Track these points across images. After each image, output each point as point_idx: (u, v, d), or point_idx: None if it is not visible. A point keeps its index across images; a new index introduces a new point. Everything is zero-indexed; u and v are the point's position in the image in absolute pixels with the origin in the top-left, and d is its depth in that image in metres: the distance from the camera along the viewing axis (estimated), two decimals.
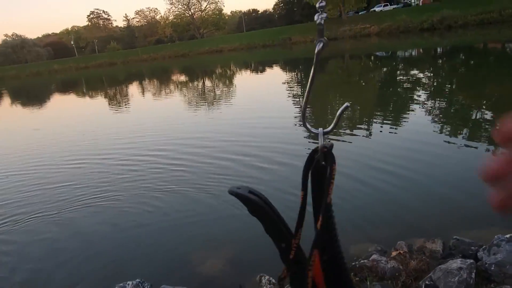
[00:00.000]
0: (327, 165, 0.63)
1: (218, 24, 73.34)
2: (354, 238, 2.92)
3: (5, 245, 3.71)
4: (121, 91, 21.70)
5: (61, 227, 3.98)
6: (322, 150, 0.63)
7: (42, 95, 25.85)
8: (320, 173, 0.64)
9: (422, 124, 6.01)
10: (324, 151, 0.63)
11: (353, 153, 4.94)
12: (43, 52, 77.63)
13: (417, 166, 4.21)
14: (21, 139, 9.73)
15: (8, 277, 3.13)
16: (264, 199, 0.68)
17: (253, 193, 0.67)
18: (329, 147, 0.63)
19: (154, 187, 4.72)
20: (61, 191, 4.98)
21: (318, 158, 0.64)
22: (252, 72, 23.39)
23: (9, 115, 17.03)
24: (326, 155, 0.63)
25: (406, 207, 3.40)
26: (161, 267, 3.02)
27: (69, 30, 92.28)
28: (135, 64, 51.93)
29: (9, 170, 6.45)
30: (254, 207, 0.66)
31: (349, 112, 8.16)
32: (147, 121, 9.99)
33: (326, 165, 0.63)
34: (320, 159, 0.63)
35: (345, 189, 3.83)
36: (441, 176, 3.91)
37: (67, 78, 41.09)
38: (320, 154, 0.63)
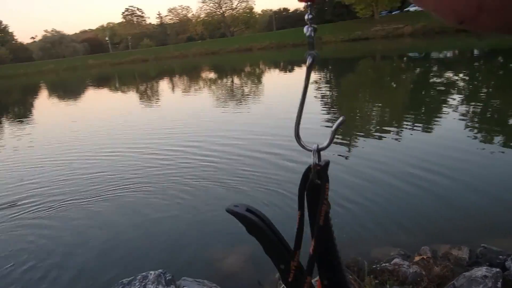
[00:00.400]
0: (321, 182, 0.59)
1: (248, 23, 73.62)
2: (377, 240, 2.88)
3: (39, 228, 3.91)
4: (153, 87, 22.21)
5: (91, 214, 4.15)
6: (316, 168, 0.59)
7: (77, 89, 26.87)
8: (316, 192, 0.60)
9: (453, 128, 5.82)
10: (318, 169, 0.59)
11: (382, 155, 4.85)
12: (80, 47, 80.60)
13: (446, 171, 4.08)
14: (59, 130, 10.24)
15: (43, 259, 3.29)
16: (263, 218, 0.65)
17: (251, 211, 0.65)
18: (324, 165, 0.59)
19: (183, 180, 4.84)
20: (94, 180, 5.21)
21: (312, 177, 0.60)
22: (281, 71, 23.34)
23: (48, 107, 17.84)
24: (319, 173, 0.59)
25: (432, 212, 3.31)
26: (182, 259, 3.09)
27: (104, 27, 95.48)
28: (166, 60, 53.00)
29: (48, 159, 6.82)
30: (251, 227, 0.64)
31: (379, 113, 8.01)
32: (178, 116, 10.23)
33: (320, 183, 0.59)
34: (314, 178, 0.60)
35: (372, 189, 3.78)
36: (470, 182, 3.78)
37: (102, 73, 42.49)
38: (314, 172, 0.59)
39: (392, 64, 19.38)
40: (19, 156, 7.49)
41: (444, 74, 12.67)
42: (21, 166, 6.58)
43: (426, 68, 15.71)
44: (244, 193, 4.20)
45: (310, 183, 0.61)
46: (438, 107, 7.76)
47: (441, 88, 10.07)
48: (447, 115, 6.79)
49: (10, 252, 3.48)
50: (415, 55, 21.95)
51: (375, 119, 7.42)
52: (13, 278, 3.05)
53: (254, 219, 0.64)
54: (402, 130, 6.19)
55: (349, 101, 9.87)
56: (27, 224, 4.07)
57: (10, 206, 4.62)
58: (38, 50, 78.49)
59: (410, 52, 24.21)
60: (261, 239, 0.65)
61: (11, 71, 59.68)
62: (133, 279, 2.63)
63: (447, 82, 10.97)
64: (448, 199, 3.53)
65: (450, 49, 22.63)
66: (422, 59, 19.58)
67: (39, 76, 50.30)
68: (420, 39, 31.95)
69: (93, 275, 3.00)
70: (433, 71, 14.29)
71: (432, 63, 17.49)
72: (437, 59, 18.94)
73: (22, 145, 8.59)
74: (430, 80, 11.88)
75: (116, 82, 30.05)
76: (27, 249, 3.52)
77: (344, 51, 32.08)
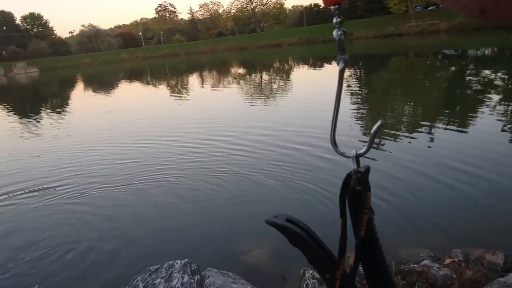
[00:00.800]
0: (361, 190, 0.57)
1: (278, 18, 73.26)
2: (405, 240, 2.81)
3: (73, 213, 4.07)
4: (184, 81, 22.55)
5: (122, 201, 4.29)
6: (356, 175, 0.57)
7: (112, 82, 27.70)
8: (357, 199, 0.58)
9: (490, 129, 5.56)
10: (358, 176, 0.57)
11: (414, 153, 4.72)
12: (114, 42, 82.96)
13: (482, 172, 3.91)
14: (95, 120, 10.68)
15: (75, 242, 3.43)
16: (304, 228, 0.63)
17: (291, 221, 0.63)
18: (364, 172, 0.57)
19: (213, 171, 4.92)
20: (127, 168, 5.43)
21: (353, 184, 0.58)
22: (310, 67, 23.09)
23: (84, 99, 18.53)
24: (360, 180, 0.57)
25: (465, 213, 3.18)
26: (208, 249, 3.14)
27: (138, 22, 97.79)
28: (196, 55, 53.67)
29: (85, 147, 7.18)
30: (293, 237, 0.62)
31: (412, 111, 7.78)
32: (209, 109, 10.42)
33: (361, 191, 0.57)
34: (355, 185, 0.58)
35: (402, 187, 3.69)
36: (507, 185, 3.60)
37: (134, 67, 43.57)
38: (354, 179, 0.57)
39: (426, 61, 18.74)
40: (58, 144, 7.87)
41: (481, 73, 12.13)
42: (59, 153, 6.94)
43: (462, 66, 15.09)
44: (274, 188, 4.20)
45: (351, 190, 0.59)
46: (474, 106, 7.44)
47: (478, 87, 9.64)
48: (484, 115, 6.50)
49: (44, 235, 3.64)
50: (450, 52, 21.12)
51: (408, 118, 7.21)
52: (46, 261, 3.20)
53: (296, 230, 0.62)
54: (435, 129, 5.98)
55: (380, 99, 9.64)
56: (62, 209, 4.26)
57: (47, 189, 4.87)
58: (76, 44, 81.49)
59: (446, 49, 23.32)
60: (304, 249, 0.63)
61: (50, 64, 62.37)
62: (160, 267, 2.69)
63: (484, 80, 10.49)
64: (482, 201, 3.38)
65: (488, 46, 21.61)
66: (458, 57, 18.81)
67: (76, 69, 52.23)
68: (457, 35, 30.70)
69: (123, 260, 3.10)
70: (470, 69, 13.71)
71: (468, 60, 16.77)
72: (474, 56, 18.13)
73: (61, 133, 9.02)
74: (466, 78, 11.40)
75: (148, 76, 30.74)
76: (59, 232, 3.67)
77: (376, 47, 31.30)
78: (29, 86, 34.31)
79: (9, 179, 5.45)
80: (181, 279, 2.56)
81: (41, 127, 10.56)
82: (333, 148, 0.60)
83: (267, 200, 3.94)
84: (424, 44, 28.52)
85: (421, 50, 24.57)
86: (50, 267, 3.08)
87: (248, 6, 73.61)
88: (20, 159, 6.72)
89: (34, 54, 71.04)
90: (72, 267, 3.06)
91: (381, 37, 39.85)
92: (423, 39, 31.90)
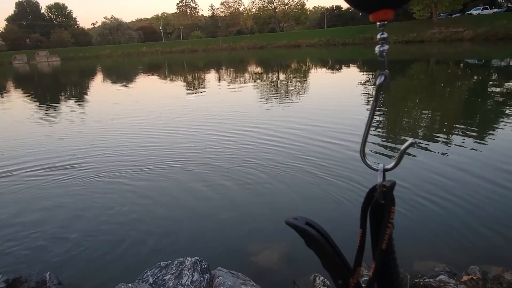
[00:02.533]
0: (386, 204, 0.58)
1: (299, 19, 72.91)
2: (422, 253, 2.74)
3: (86, 195, 4.12)
4: (206, 76, 22.66)
5: (140, 190, 4.34)
6: (381, 188, 0.58)
7: (132, 74, 28.03)
8: (379, 212, 0.59)
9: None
10: (384, 190, 0.58)
11: (434, 162, 4.62)
12: (135, 35, 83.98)
13: (503, 189, 3.80)
14: (123, 109, 11.24)
15: (86, 228, 3.47)
16: (322, 232, 0.65)
17: (310, 224, 0.65)
18: (390, 187, 0.58)
19: (235, 166, 4.95)
20: (148, 155, 5.73)
21: (377, 197, 0.59)
22: (328, 70, 22.91)
23: (109, 89, 18.87)
24: (385, 194, 0.58)
25: (484, 229, 3.09)
26: (220, 248, 3.12)
27: (159, 16, 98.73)
28: (214, 52, 53.88)
29: (115, 132, 7.65)
30: (310, 241, 0.64)
31: (429, 121, 7.63)
32: (232, 104, 10.61)
33: (385, 205, 0.58)
34: (379, 198, 0.59)
35: (420, 198, 3.61)
36: None
37: (153, 61, 44.01)
38: (380, 192, 0.58)
39: (447, 69, 18.37)
40: (86, 128, 8.38)
41: (505, 84, 11.82)
42: (89, 136, 7.44)
43: (485, 76, 14.74)
44: (295, 187, 4.16)
45: (375, 203, 0.60)
46: (496, 119, 7.25)
47: (501, 99, 9.40)
48: (505, 128, 6.32)
49: (54, 220, 3.69)
50: (473, 62, 20.66)
51: (424, 127, 7.08)
52: (55, 249, 3.23)
53: (313, 233, 0.63)
54: (454, 140, 5.84)
55: (397, 105, 9.47)
56: (77, 192, 4.35)
57: (62, 168, 5.17)
58: (97, 36, 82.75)
59: (469, 58, 22.83)
60: (320, 253, 0.65)
61: (71, 54, 63.56)
62: (170, 263, 2.69)
63: (508, 92, 10.21)
64: (503, 217, 3.28)
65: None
66: (481, 66, 18.39)
67: (96, 60, 53.06)
68: (481, 44, 30.02)
69: (134, 253, 3.11)
70: (493, 80, 13.38)
71: (492, 71, 16.37)
72: (498, 67, 17.69)
73: (90, 119, 9.62)
74: (489, 89, 11.13)
75: (167, 70, 31.00)
76: (72, 219, 3.71)
77: (396, 53, 30.85)
78: (51, 74, 35.02)
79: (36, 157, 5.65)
80: (191, 276, 2.55)
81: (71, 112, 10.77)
82: (361, 160, 0.62)
83: (287, 200, 3.91)
84: (447, 52, 27.96)
85: (443, 58, 24.11)
86: (60, 256, 3.12)
87: (269, 5, 73.49)
88: (46, 141, 7.21)
89: (56, 43, 72.53)
90: (82, 257, 3.08)
91: (402, 43, 39.26)
92: (445, 47, 31.30)
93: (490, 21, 34.46)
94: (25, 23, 78.91)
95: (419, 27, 40.14)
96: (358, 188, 3.95)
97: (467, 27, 35.49)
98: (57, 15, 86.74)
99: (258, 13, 74.20)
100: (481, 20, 36.33)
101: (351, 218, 3.26)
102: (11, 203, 4.21)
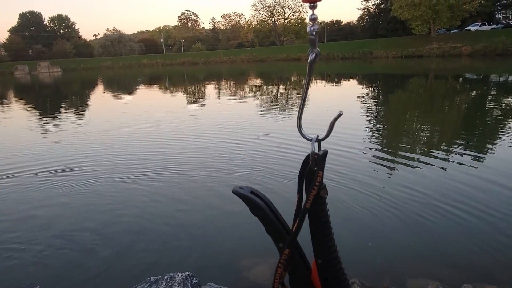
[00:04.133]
0: (316, 170, 0.65)
1: (299, 33, 73.78)
2: (414, 270, 2.70)
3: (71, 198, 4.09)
4: (204, 89, 22.78)
5: (132, 201, 4.29)
6: (314, 156, 0.65)
7: (133, 85, 28.18)
8: (312, 178, 0.65)
9: (507, 160, 5.40)
10: (315, 158, 0.65)
11: (429, 179, 4.60)
12: (136, 47, 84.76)
13: (498, 206, 3.77)
14: (131, 118, 11.48)
15: (77, 240, 3.43)
16: (265, 200, 0.72)
17: (255, 193, 0.72)
18: (321, 155, 0.65)
19: (228, 180, 4.88)
20: (139, 165, 5.67)
21: (310, 164, 0.66)
22: (327, 83, 23.06)
23: (111, 100, 18.94)
24: (317, 161, 0.65)
25: (477, 247, 3.05)
26: (210, 262, 3.08)
27: (160, 29, 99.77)
28: (215, 65, 54.31)
29: (122, 139, 7.97)
30: (253, 207, 0.71)
31: (425, 136, 7.64)
32: (231, 116, 10.57)
33: (315, 170, 0.65)
34: (312, 165, 0.66)
35: (410, 213, 3.59)
36: None
37: (153, 73, 44.30)
38: (312, 160, 0.66)
39: (446, 84, 18.49)
40: (95, 135, 8.70)
41: (503, 100, 11.88)
42: (74, 146, 7.47)
43: (483, 92, 14.82)
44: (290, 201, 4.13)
45: (308, 170, 0.67)
46: (494, 134, 7.26)
47: (499, 114, 9.43)
48: (502, 144, 6.33)
49: (43, 228, 3.65)
50: (472, 77, 20.81)
51: (420, 142, 7.08)
52: (43, 261, 3.19)
53: (257, 201, 0.70)
54: (450, 155, 5.84)
55: (394, 119, 9.51)
56: (69, 192, 4.33)
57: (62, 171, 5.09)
58: (99, 47, 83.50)
59: (467, 73, 23.01)
60: (263, 219, 0.73)
61: (73, 65, 64.10)
62: (160, 278, 2.65)
63: (506, 108, 10.26)
64: (497, 236, 3.25)
65: None
66: (479, 82, 18.51)
67: (97, 71, 53.42)
68: (479, 60, 30.29)
69: (123, 267, 3.06)
70: (491, 95, 13.45)
71: (490, 86, 16.47)
72: (497, 82, 17.81)
73: (100, 128, 9.79)
74: (487, 105, 11.18)
75: (166, 82, 31.18)
76: (61, 228, 3.67)
77: (395, 67, 31.09)
78: (52, 85, 35.20)
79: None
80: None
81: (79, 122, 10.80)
82: (298, 131, 0.70)
83: (282, 213, 3.86)
84: (445, 67, 28.19)
85: (441, 73, 24.27)
86: (50, 269, 3.07)
87: (270, 19, 74.45)
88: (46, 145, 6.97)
89: (58, 55, 73.15)
90: (70, 272, 3.03)
91: (401, 57, 39.64)
92: (444, 62, 31.57)
93: (488, 37, 34.89)
94: (28, 34, 79.77)
95: (418, 42, 40.61)
96: None
97: (465, 43, 35.93)
98: (59, 27, 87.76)
99: (258, 27, 75.14)
100: (479, 36, 36.77)
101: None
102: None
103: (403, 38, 45.65)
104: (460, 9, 39.58)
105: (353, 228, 3.48)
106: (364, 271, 2.81)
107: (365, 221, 3.57)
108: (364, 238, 3.29)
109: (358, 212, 3.75)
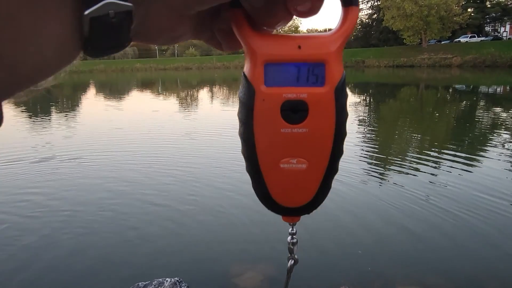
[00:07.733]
0: None
1: None
2: (403, 278, 2.71)
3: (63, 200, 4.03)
4: (210, 93, 22.76)
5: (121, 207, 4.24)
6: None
7: (127, 89, 28.03)
8: None
9: (500, 170, 5.46)
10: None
11: (417, 186, 4.64)
12: (129, 51, 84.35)
13: (487, 214, 3.81)
14: (138, 120, 11.38)
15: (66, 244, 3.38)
16: None
17: None
18: None
19: (221, 186, 4.85)
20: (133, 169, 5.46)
21: None
22: None
23: (112, 104, 18.75)
24: None
25: (467, 256, 3.08)
26: (201, 268, 3.06)
27: None
28: (208, 70, 54.38)
29: (122, 142, 7.89)
30: None
31: (417, 145, 7.72)
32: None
33: None
34: None
35: (402, 224, 3.61)
36: None
37: (146, 77, 44.16)
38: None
39: (436, 94, 18.75)
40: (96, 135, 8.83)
41: (492, 110, 12.08)
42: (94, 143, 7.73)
43: (473, 102, 15.06)
44: None
45: None
46: (483, 145, 7.36)
47: (489, 124, 9.58)
48: (492, 155, 6.40)
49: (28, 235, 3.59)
50: (461, 87, 21.14)
51: (409, 150, 7.15)
52: (31, 268, 3.14)
53: None
54: (439, 164, 5.89)
55: (385, 128, 9.60)
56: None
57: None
58: None
59: (457, 83, 23.37)
60: None
61: None
62: (149, 283, 2.63)
63: (495, 118, 10.43)
64: (485, 244, 3.28)
65: (500, 84, 21.60)
66: (469, 92, 18.81)
67: (90, 75, 53.08)
68: (469, 71, 30.82)
69: (111, 272, 3.02)
70: (480, 106, 13.68)
71: (479, 97, 16.75)
72: (486, 93, 18.12)
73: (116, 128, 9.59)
74: (476, 115, 11.35)
75: (159, 86, 31.10)
76: (49, 234, 3.62)
77: (387, 76, 31.47)
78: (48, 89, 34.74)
79: None
80: None
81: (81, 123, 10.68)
82: None
83: (271, 221, 3.85)
84: (436, 77, 28.61)
85: (432, 83, 24.62)
86: (35, 279, 3.02)
87: None
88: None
89: None
90: (57, 280, 2.98)
91: (393, 67, 40.13)
92: (434, 72, 32.04)
93: (478, 49, 35.52)
94: None
95: (409, 52, 41.15)
96: None
97: (455, 54, 36.51)
98: None
99: None
100: (469, 48, 37.43)
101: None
102: None
103: (395, 48, 46.27)
104: (450, 21, 40.41)
105: (343, 235, 3.49)
106: (354, 278, 2.82)
107: (355, 229, 3.58)
108: (354, 245, 3.30)
109: (347, 220, 3.77)
